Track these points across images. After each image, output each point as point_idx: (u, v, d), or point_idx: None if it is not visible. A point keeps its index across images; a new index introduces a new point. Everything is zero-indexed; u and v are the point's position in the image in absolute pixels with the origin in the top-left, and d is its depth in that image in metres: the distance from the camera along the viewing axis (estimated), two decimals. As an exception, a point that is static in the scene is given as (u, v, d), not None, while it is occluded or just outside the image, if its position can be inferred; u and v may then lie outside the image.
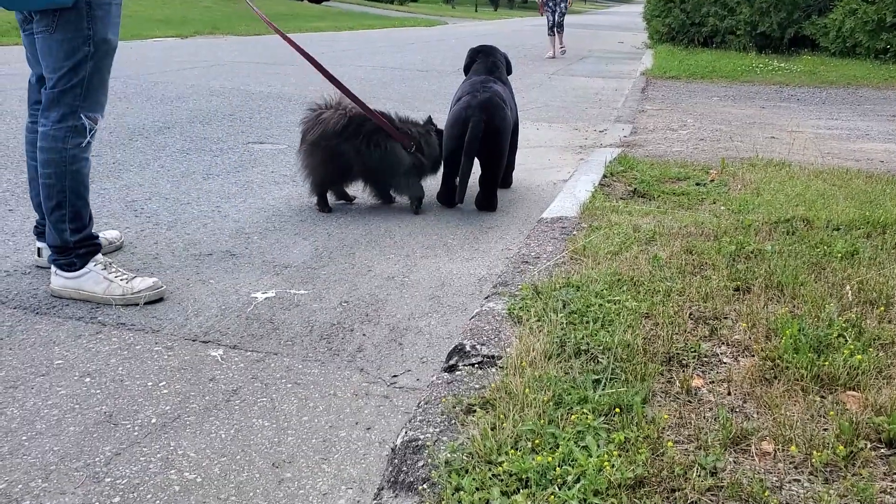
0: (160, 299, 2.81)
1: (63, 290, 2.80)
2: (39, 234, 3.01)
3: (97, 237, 2.93)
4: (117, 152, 5.01)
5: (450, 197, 4.18)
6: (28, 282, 2.89)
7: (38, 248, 3.04)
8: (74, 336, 2.50)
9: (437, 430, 1.84)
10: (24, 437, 1.95)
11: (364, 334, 2.63)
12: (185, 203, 4.01)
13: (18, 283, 2.88)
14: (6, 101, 6.54)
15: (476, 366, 2.15)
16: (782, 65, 12.04)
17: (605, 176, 4.55)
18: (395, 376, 2.35)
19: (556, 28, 14.68)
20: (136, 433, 1.99)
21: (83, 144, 2.74)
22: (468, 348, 2.25)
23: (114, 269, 2.84)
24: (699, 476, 1.64)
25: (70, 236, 2.78)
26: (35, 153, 2.80)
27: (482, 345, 2.27)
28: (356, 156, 3.87)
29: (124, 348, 2.44)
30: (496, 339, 2.32)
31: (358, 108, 3.84)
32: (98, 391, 2.18)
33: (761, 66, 11.90)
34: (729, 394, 2.04)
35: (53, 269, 2.81)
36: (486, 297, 2.73)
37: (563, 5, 14.69)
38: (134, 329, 2.57)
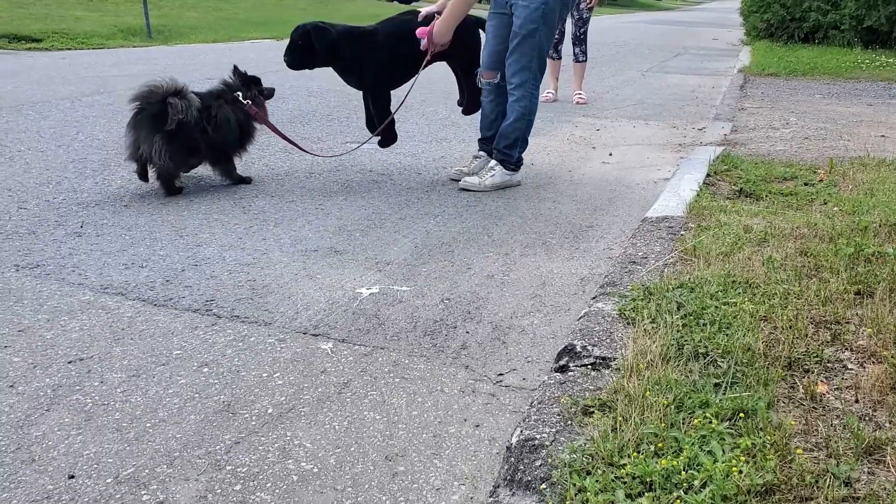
0: None
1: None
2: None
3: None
4: (222, 151, 5.15)
5: None
6: (145, 275, 3.01)
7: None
8: (191, 327, 2.58)
9: (554, 430, 1.81)
10: (148, 424, 2.02)
11: (467, 332, 2.62)
12: (290, 200, 4.10)
13: (136, 276, 2.99)
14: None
15: (589, 367, 2.12)
16: (891, 60, 11.46)
17: (708, 175, 4.42)
18: (500, 375, 2.34)
19: (575, 46, 8.01)
20: (253, 423, 2.04)
21: None
22: (579, 349, 2.21)
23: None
24: (832, 486, 1.57)
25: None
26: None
27: (593, 346, 2.23)
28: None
29: (239, 340, 2.50)
30: (608, 341, 2.27)
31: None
32: (216, 381, 2.24)
33: (867, 62, 11.35)
34: (857, 401, 1.95)
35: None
36: (594, 298, 2.69)
37: (583, 6, 7.79)
38: (247, 321, 2.64)
